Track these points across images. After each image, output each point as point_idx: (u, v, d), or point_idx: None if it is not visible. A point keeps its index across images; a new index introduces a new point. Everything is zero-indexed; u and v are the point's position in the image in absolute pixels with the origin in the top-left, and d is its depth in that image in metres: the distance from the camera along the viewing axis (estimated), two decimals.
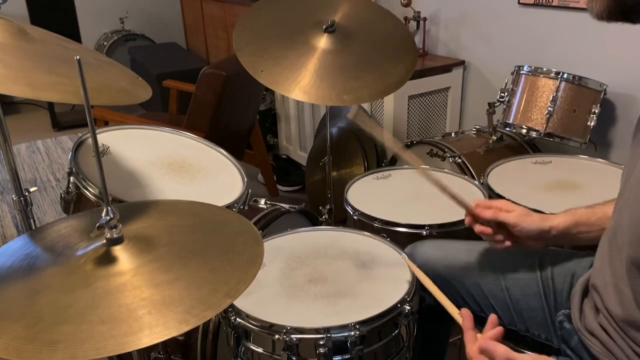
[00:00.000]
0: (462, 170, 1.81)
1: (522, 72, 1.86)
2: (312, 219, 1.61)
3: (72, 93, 0.91)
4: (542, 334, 1.05)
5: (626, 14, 0.76)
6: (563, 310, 0.99)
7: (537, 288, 1.05)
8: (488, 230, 1.04)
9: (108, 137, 1.51)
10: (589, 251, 1.08)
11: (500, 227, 1.04)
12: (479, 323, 1.13)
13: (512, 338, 1.09)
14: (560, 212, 1.04)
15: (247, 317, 0.99)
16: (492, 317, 0.84)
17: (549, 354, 1.02)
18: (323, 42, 1.49)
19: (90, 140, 1.44)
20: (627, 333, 0.82)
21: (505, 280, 1.08)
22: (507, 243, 1.04)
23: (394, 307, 1.00)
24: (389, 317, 0.99)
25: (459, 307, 1.13)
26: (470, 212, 1.06)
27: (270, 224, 1.44)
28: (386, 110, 2.32)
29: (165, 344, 1.21)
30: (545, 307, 1.05)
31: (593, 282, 0.91)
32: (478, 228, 1.05)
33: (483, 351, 0.80)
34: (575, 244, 1.05)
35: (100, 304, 0.67)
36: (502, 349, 0.79)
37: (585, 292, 0.95)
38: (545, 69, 1.80)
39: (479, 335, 0.84)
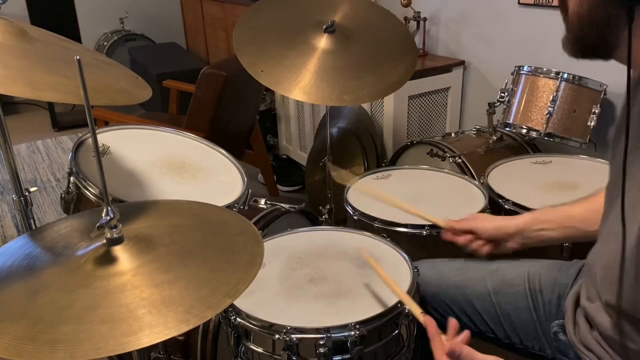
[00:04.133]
0: (462, 170, 1.81)
1: (522, 72, 1.86)
2: (312, 219, 1.61)
3: (72, 93, 0.91)
4: (535, 345, 1.06)
5: (591, 53, 0.77)
6: (557, 321, 1.00)
7: (527, 301, 1.07)
8: (467, 238, 1.15)
9: (108, 137, 1.51)
10: (575, 260, 1.09)
11: (475, 235, 1.15)
12: (477, 337, 1.14)
13: (511, 350, 1.10)
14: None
15: (247, 316, 0.99)
16: (452, 322, 0.86)
17: None
18: (323, 42, 1.49)
19: (90, 140, 1.44)
20: (621, 350, 0.82)
21: (496, 296, 1.10)
22: (485, 248, 1.14)
23: (394, 307, 1.00)
24: (389, 317, 0.99)
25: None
26: (446, 227, 1.20)
27: (270, 224, 1.44)
28: (386, 110, 2.32)
29: (165, 343, 1.21)
30: (535, 319, 1.06)
31: (583, 304, 0.92)
32: (460, 240, 1.17)
33: (450, 354, 0.82)
34: (542, 243, 1.11)
35: (100, 304, 0.67)
36: (467, 350, 0.81)
37: (577, 303, 0.96)
38: (545, 69, 1.80)
39: (444, 338, 0.85)
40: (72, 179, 1.35)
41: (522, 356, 1.09)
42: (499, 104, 1.90)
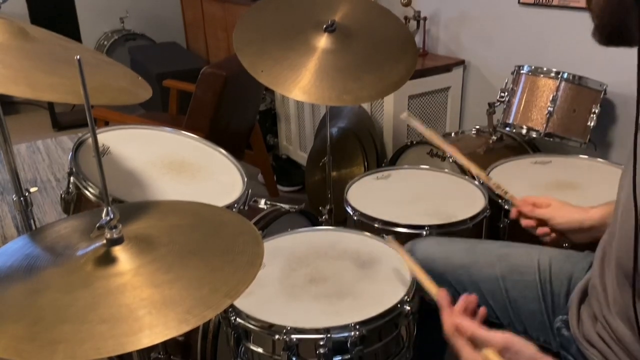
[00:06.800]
0: (462, 170, 1.81)
1: (522, 72, 1.86)
2: (312, 219, 1.61)
3: (72, 93, 0.91)
4: (541, 337, 1.05)
5: (616, 40, 0.79)
6: (561, 317, 0.99)
7: (536, 291, 1.05)
8: (531, 223, 1.12)
9: (108, 137, 1.51)
10: (588, 251, 1.08)
11: (543, 222, 1.11)
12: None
13: None
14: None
15: (247, 317, 0.99)
16: (464, 297, 0.86)
17: None
18: (323, 42, 1.49)
19: (90, 140, 1.44)
20: (624, 343, 0.82)
21: (504, 282, 1.08)
22: (552, 236, 1.11)
23: (394, 307, 1.00)
24: (389, 317, 0.99)
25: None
26: (516, 206, 1.15)
27: (270, 224, 1.44)
28: (386, 110, 2.32)
29: (165, 344, 1.21)
30: (543, 310, 1.05)
31: (593, 285, 0.91)
32: (523, 222, 1.13)
33: (458, 330, 0.81)
34: None
35: (100, 304, 0.67)
36: (467, 324, 0.80)
37: (582, 299, 0.95)
38: (545, 69, 1.80)
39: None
40: (72, 179, 1.34)
41: None
42: (499, 103, 1.90)
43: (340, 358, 0.97)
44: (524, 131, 1.83)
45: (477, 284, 1.09)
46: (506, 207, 1.45)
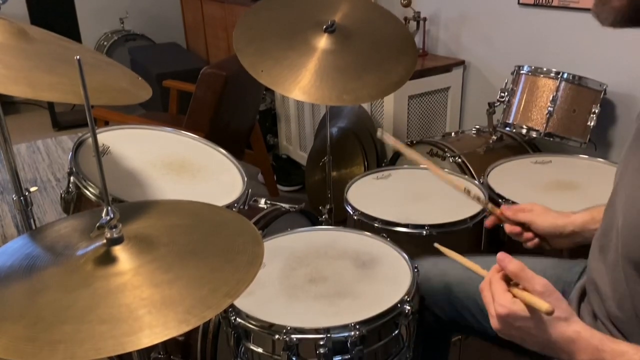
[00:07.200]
0: (462, 170, 1.81)
1: (522, 72, 1.86)
2: (312, 219, 1.61)
3: (72, 93, 0.91)
4: None
5: (629, 22, 0.75)
6: None
7: None
8: (516, 229, 1.12)
9: (108, 137, 1.51)
10: (580, 259, 1.08)
11: (525, 227, 1.11)
12: (478, 335, 1.13)
13: (513, 348, 1.09)
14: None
15: (247, 317, 0.99)
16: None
17: None
18: (323, 42, 1.49)
19: (90, 140, 1.44)
20: (626, 337, 0.82)
21: None
22: (534, 241, 1.11)
23: (394, 307, 1.00)
24: (389, 317, 0.99)
25: (458, 322, 1.13)
26: (495, 214, 1.15)
27: (270, 224, 1.44)
28: (386, 110, 2.32)
29: (165, 344, 1.21)
30: None
31: (592, 278, 0.91)
32: (507, 228, 1.13)
33: (499, 260, 0.81)
34: None
35: (100, 304, 0.67)
36: (516, 262, 0.80)
37: (582, 297, 0.96)
38: (545, 69, 1.80)
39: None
40: (72, 179, 1.34)
41: (525, 354, 1.08)
42: (499, 103, 1.90)
43: (340, 358, 0.97)
44: (524, 131, 1.83)
45: (474, 300, 1.10)
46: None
